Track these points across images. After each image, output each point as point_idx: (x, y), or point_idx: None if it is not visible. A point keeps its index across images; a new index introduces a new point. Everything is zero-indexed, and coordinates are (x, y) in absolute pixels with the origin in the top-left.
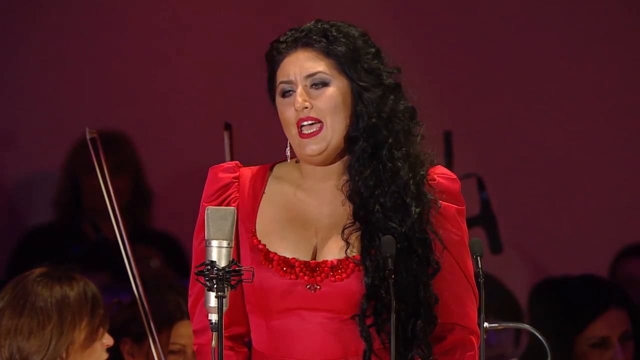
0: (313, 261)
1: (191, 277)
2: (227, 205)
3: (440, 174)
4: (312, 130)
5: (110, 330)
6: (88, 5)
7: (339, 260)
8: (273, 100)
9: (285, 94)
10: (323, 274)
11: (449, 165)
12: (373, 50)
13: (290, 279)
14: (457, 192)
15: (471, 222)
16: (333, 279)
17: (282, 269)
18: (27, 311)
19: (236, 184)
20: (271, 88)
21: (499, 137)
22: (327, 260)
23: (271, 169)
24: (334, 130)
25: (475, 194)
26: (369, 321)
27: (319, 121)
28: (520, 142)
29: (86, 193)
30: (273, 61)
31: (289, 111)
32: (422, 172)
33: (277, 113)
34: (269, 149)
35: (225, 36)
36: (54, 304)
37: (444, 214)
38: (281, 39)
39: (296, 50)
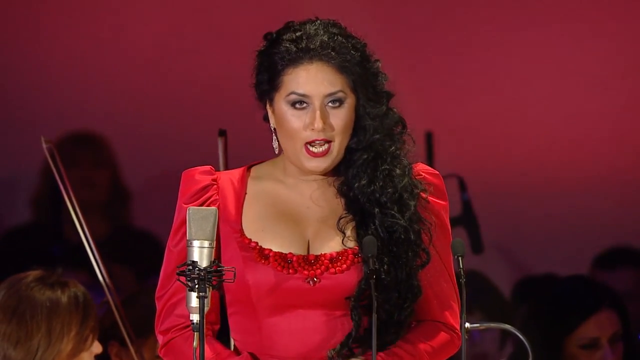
0: (311, 255)
1: (160, 279)
2: (208, 207)
3: (423, 170)
4: (321, 150)
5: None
6: (89, 7)
7: (338, 253)
8: (263, 95)
9: (296, 104)
10: (323, 267)
11: (430, 166)
12: (375, 65)
13: (289, 273)
14: (442, 187)
15: (453, 223)
16: (333, 270)
17: (280, 264)
18: (16, 319)
19: (215, 186)
20: (268, 88)
21: (480, 138)
22: (325, 253)
23: (248, 170)
24: (341, 147)
25: (456, 194)
26: (362, 303)
27: (329, 141)
28: (502, 143)
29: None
30: (278, 64)
31: (297, 123)
32: (409, 167)
33: (270, 113)
34: (263, 155)
35: (220, 39)
36: (44, 314)
37: (431, 210)
38: (286, 41)
39: (312, 63)
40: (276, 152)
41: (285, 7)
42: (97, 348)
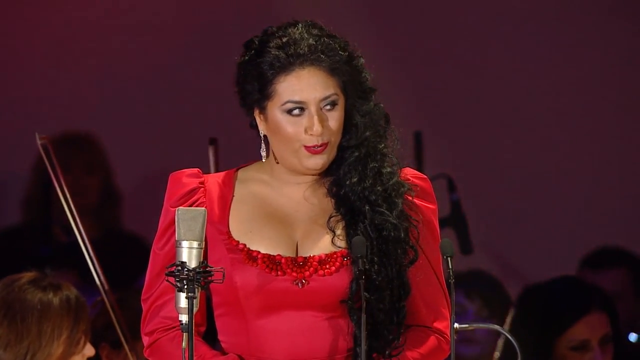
0: (300, 257)
1: (146, 281)
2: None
3: (411, 174)
4: (319, 148)
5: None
6: (85, 9)
7: (327, 255)
8: (253, 104)
9: (292, 111)
10: (312, 269)
11: (419, 166)
12: (360, 61)
13: (277, 275)
14: (430, 191)
15: (441, 223)
16: (322, 272)
17: (268, 266)
18: (7, 321)
19: (202, 189)
20: (259, 98)
21: (469, 138)
22: (314, 255)
23: (235, 173)
24: (335, 146)
25: (445, 194)
26: (357, 305)
27: (325, 143)
28: (491, 143)
29: (56, 194)
30: (268, 72)
31: (294, 129)
32: (397, 166)
33: (259, 120)
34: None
35: (212, 48)
36: (35, 317)
37: (420, 213)
38: (274, 49)
39: (303, 68)
40: (263, 161)
41: (278, 17)
42: (89, 351)
